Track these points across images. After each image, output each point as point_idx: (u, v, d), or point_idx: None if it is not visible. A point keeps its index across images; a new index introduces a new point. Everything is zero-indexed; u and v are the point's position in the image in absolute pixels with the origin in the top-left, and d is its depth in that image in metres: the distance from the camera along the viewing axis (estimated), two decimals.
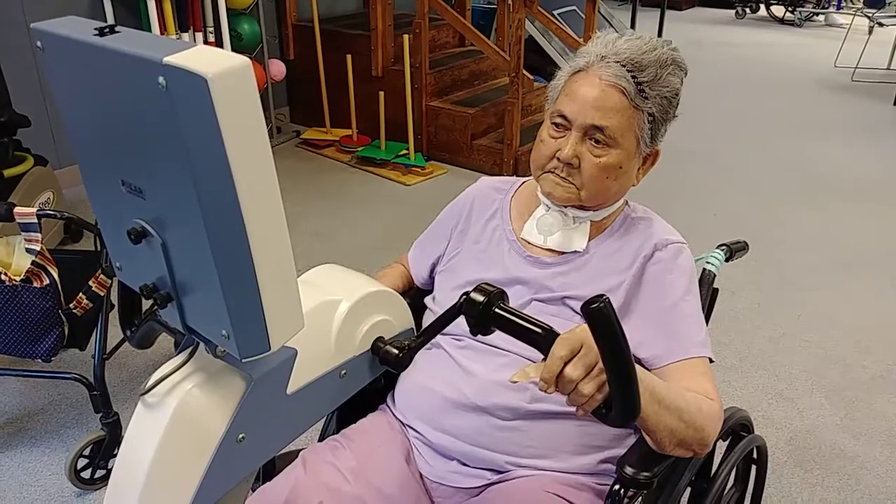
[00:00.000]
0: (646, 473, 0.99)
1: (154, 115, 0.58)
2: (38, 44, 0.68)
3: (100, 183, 0.72)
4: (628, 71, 1.08)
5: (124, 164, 0.66)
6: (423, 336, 0.89)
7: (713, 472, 1.26)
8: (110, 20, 3.52)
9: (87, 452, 1.85)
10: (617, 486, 1.00)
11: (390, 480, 1.11)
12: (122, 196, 0.69)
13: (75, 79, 0.66)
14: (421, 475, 1.16)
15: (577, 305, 1.12)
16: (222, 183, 0.58)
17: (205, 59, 0.54)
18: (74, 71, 0.66)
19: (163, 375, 0.76)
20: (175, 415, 0.74)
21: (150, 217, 0.67)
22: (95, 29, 0.62)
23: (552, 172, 1.14)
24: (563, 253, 1.18)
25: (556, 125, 1.13)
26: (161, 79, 0.55)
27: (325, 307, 0.84)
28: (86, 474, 1.87)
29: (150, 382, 0.76)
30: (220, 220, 0.60)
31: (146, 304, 0.76)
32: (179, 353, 0.79)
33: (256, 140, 0.58)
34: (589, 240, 1.18)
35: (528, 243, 1.21)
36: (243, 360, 0.68)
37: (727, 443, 1.32)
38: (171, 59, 0.54)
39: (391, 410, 1.24)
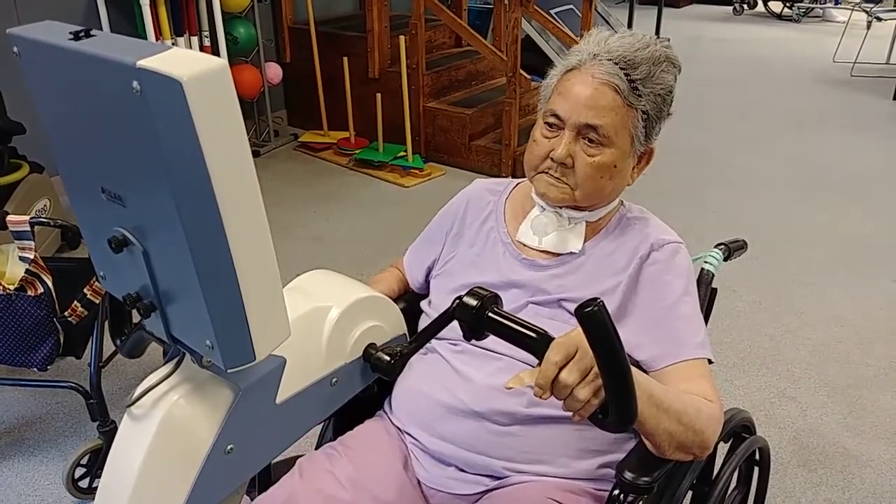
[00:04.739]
0: (645, 478, 0.97)
1: (130, 120, 0.57)
2: (15, 49, 0.66)
3: (80, 190, 0.71)
4: (621, 69, 1.07)
5: (103, 171, 0.65)
6: (416, 342, 0.87)
7: (715, 474, 1.25)
8: (105, 25, 3.51)
9: (84, 461, 1.84)
10: (616, 492, 0.99)
11: (387, 487, 1.10)
12: (103, 203, 0.67)
13: (52, 84, 0.65)
14: (419, 482, 1.15)
15: (573, 307, 1.11)
16: (201, 189, 0.56)
17: (179, 61, 0.52)
18: (51, 76, 0.64)
19: (149, 386, 0.75)
20: (161, 426, 0.73)
21: (131, 225, 0.66)
22: (70, 33, 0.60)
23: (546, 173, 1.13)
24: (559, 254, 1.16)
25: (550, 125, 1.12)
26: (135, 83, 0.53)
27: (315, 314, 0.82)
28: (83, 483, 1.86)
29: (136, 394, 0.75)
30: (200, 228, 0.58)
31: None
32: (166, 363, 0.78)
33: (235, 144, 0.57)
34: (584, 241, 1.16)
35: (524, 245, 1.19)
36: (228, 371, 0.67)
37: (728, 445, 1.30)
38: (144, 63, 0.52)
39: (388, 416, 1.22)
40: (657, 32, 6.95)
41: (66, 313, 1.70)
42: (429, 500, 1.14)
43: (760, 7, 9.71)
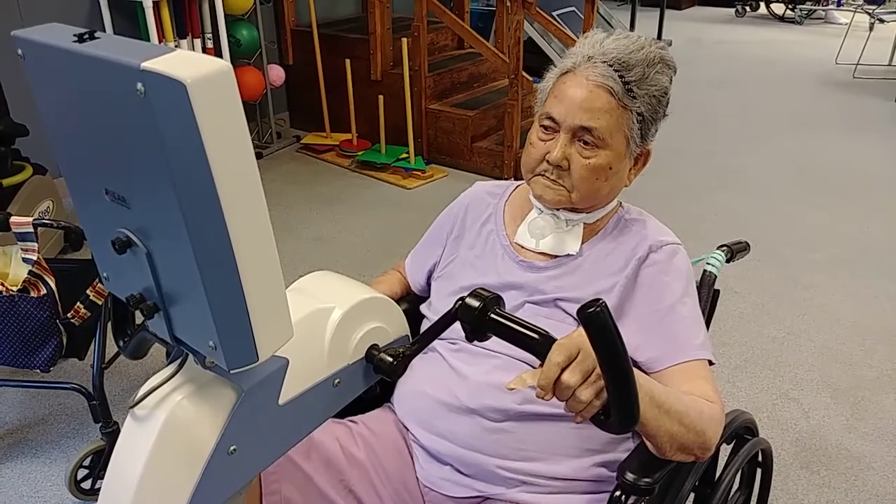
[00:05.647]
0: (647, 479, 0.97)
1: (134, 123, 0.57)
2: (19, 51, 0.67)
3: (84, 191, 0.71)
4: (615, 71, 1.07)
5: (107, 173, 0.65)
6: (418, 343, 0.87)
7: (717, 476, 1.25)
8: (108, 28, 3.52)
9: (87, 463, 1.84)
10: (618, 493, 0.99)
11: (394, 464, 1.15)
12: (107, 205, 0.67)
13: (56, 86, 0.65)
14: (417, 478, 1.16)
15: (570, 307, 1.11)
16: (205, 191, 0.56)
17: (183, 63, 0.52)
18: (55, 78, 0.64)
19: (151, 387, 0.75)
20: (164, 427, 0.73)
21: (135, 226, 0.66)
22: (75, 35, 0.60)
23: (542, 175, 1.13)
24: (557, 256, 1.17)
25: (545, 127, 1.12)
26: (139, 85, 0.53)
27: (318, 315, 0.82)
28: (86, 484, 1.86)
29: (139, 394, 0.75)
30: (204, 229, 0.58)
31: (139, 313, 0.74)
32: (169, 364, 0.78)
33: (239, 146, 0.57)
34: (582, 242, 1.17)
35: (522, 248, 1.20)
36: (231, 372, 0.67)
37: (731, 446, 1.30)
38: (148, 65, 0.52)
39: (394, 410, 1.24)
40: (659, 34, 6.96)
41: (68, 314, 1.70)
42: (424, 497, 1.15)
43: (763, 9, 9.72)
